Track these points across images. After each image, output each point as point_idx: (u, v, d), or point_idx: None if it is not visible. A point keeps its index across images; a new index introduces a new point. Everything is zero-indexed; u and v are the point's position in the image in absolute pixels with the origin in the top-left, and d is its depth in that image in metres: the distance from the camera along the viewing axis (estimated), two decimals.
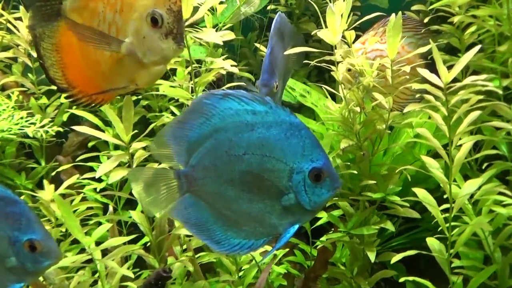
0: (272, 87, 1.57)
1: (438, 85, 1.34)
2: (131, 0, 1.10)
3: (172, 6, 1.08)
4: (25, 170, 2.15)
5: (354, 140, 1.76)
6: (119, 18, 1.12)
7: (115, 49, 1.12)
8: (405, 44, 1.99)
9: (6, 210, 1.08)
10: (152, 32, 1.09)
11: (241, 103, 1.06)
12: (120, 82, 1.18)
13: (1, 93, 2.05)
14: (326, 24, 1.74)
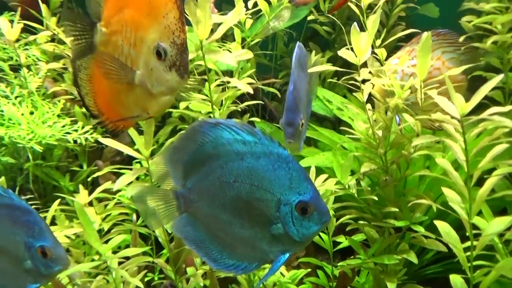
0: (297, 126, 1.48)
1: (454, 116, 1.24)
2: (142, 35, 1.19)
3: (175, 40, 1.14)
4: (69, 172, 2.33)
5: (379, 164, 1.68)
6: (133, 51, 1.22)
7: (130, 80, 1.20)
8: (445, 60, 1.90)
9: (22, 219, 1.20)
10: (158, 64, 1.17)
11: (231, 132, 1.10)
12: (135, 110, 1.29)
13: (51, 100, 2.24)
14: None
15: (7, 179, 2.22)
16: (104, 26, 1.30)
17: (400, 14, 2.75)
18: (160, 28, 1.15)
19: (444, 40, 1.93)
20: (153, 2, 1.17)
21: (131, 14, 1.22)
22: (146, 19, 1.18)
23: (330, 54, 3.00)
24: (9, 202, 1.18)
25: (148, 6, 1.17)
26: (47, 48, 2.33)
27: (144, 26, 1.19)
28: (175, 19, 1.14)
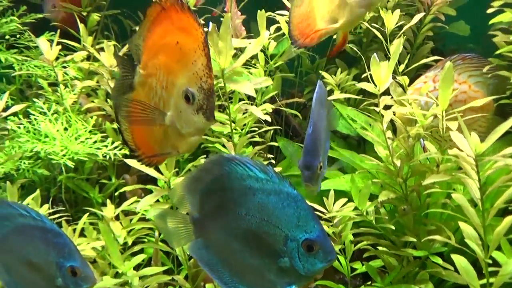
0: (315, 170, 1.46)
1: (469, 155, 1.22)
2: (172, 79, 1.28)
3: (203, 85, 1.21)
4: (98, 184, 2.45)
5: (398, 192, 1.67)
6: (165, 93, 1.31)
7: (161, 121, 1.30)
8: (472, 83, 1.88)
9: (54, 241, 1.30)
10: (186, 107, 1.24)
11: (245, 168, 1.16)
12: (167, 148, 1.37)
13: (85, 116, 2.37)
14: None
15: (41, 190, 2.36)
16: (142, 69, 1.40)
17: (427, 33, 2.70)
18: (189, 74, 1.22)
19: (471, 64, 1.91)
20: (183, 49, 1.24)
21: (164, 59, 1.31)
22: (176, 64, 1.26)
23: (356, 72, 2.99)
24: (42, 225, 1.29)
25: (179, 53, 1.25)
26: (83, 66, 2.47)
27: (175, 71, 1.27)
28: (202, 65, 1.20)
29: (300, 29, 1.56)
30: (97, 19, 2.64)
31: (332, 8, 1.43)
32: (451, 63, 1.50)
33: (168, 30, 1.28)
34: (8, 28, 2.36)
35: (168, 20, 1.27)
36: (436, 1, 2.57)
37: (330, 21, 1.47)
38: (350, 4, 1.37)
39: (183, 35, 1.23)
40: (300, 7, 1.57)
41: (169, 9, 1.26)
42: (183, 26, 1.23)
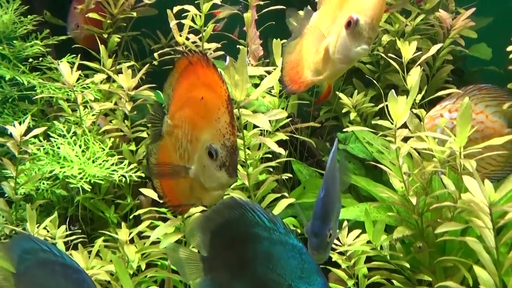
0: (324, 238, 1.38)
1: (483, 204, 1.18)
2: (197, 134, 1.30)
3: (226, 142, 1.22)
4: (114, 204, 2.49)
5: (414, 227, 1.64)
6: (190, 146, 1.33)
7: (185, 175, 1.33)
8: (489, 113, 1.85)
9: (73, 276, 1.32)
10: (210, 162, 1.26)
11: (254, 215, 1.18)
12: (191, 199, 1.40)
13: (102, 137, 2.42)
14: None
15: (59, 209, 2.42)
16: (169, 119, 1.43)
17: (447, 57, 2.66)
18: (213, 130, 1.23)
19: (487, 94, 1.89)
20: (207, 105, 1.26)
21: (190, 113, 1.33)
22: (201, 120, 1.28)
23: (373, 93, 2.96)
24: (62, 261, 1.31)
25: (204, 109, 1.27)
26: (102, 87, 2.52)
27: (199, 126, 1.29)
28: (226, 123, 1.22)
29: (291, 75, 1.55)
30: (117, 40, 2.69)
31: (317, 60, 1.42)
32: (469, 101, 1.46)
33: (194, 84, 1.30)
34: (31, 51, 2.44)
35: (194, 74, 1.29)
36: (456, 24, 2.52)
37: (315, 72, 1.46)
38: (333, 59, 1.35)
39: (208, 91, 1.25)
40: (291, 54, 1.56)
41: (195, 64, 1.28)
42: (208, 82, 1.25)
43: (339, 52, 1.33)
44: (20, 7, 2.47)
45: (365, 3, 1.29)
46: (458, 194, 1.56)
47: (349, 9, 1.32)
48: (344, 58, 1.34)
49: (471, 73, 3.12)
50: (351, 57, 1.35)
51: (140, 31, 3.05)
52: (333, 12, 1.41)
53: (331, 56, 1.36)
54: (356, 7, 1.30)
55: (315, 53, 1.42)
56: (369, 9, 1.27)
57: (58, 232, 2.04)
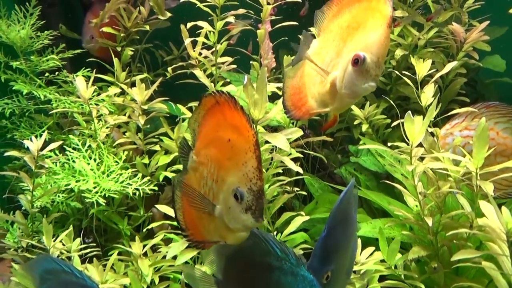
0: (319, 277, 1.28)
1: (500, 231, 1.18)
2: (223, 175, 1.27)
3: (252, 187, 1.20)
4: (127, 216, 2.51)
5: (429, 247, 1.63)
6: (215, 186, 1.30)
7: (210, 212, 1.31)
8: (499, 130, 1.85)
9: None
10: (235, 205, 1.23)
11: (267, 245, 1.20)
12: (214, 236, 1.36)
13: (115, 150, 2.45)
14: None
15: (73, 220, 2.46)
16: (195, 154, 1.41)
17: (459, 70, 2.64)
18: (239, 174, 1.21)
19: (496, 111, 1.89)
20: (234, 148, 1.23)
21: (215, 153, 1.31)
22: (227, 162, 1.26)
23: (385, 105, 2.95)
24: (83, 283, 1.32)
25: (230, 151, 1.24)
26: (117, 100, 2.55)
27: (225, 168, 1.26)
28: (253, 168, 1.19)
29: (293, 100, 1.52)
30: (130, 53, 2.73)
31: (323, 92, 1.39)
32: (486, 123, 1.45)
33: (220, 124, 1.28)
34: (47, 65, 2.48)
35: (221, 114, 1.27)
36: (469, 37, 2.51)
37: (320, 103, 1.43)
38: (340, 94, 1.33)
39: (235, 134, 1.22)
40: (293, 78, 1.52)
41: (222, 104, 1.26)
42: (235, 124, 1.22)
43: (346, 87, 1.31)
44: (36, 22, 2.51)
45: (370, 40, 1.27)
46: (473, 215, 1.55)
47: (355, 44, 1.31)
48: (351, 94, 1.33)
49: (484, 85, 3.10)
50: (359, 93, 1.34)
51: (153, 43, 3.09)
52: (335, 44, 1.39)
53: (338, 91, 1.34)
54: (361, 44, 1.29)
55: (320, 83, 1.40)
56: (375, 47, 1.26)
57: (73, 245, 2.07)
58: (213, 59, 2.27)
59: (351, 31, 1.32)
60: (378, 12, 1.27)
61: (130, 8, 2.73)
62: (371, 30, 1.27)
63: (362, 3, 1.32)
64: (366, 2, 1.31)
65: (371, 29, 1.27)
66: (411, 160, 1.60)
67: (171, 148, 2.52)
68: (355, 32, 1.31)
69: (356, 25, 1.31)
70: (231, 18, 2.15)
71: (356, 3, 1.34)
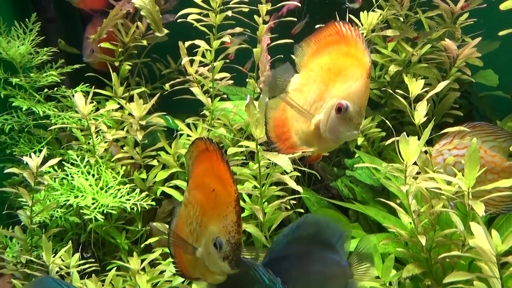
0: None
1: (490, 253, 1.21)
2: (206, 222, 1.33)
3: (230, 239, 1.27)
4: (125, 230, 2.53)
5: (422, 266, 1.66)
6: (199, 229, 1.36)
7: (192, 254, 1.37)
8: (487, 148, 1.91)
9: None
10: (214, 251, 1.30)
11: (256, 273, 1.26)
12: (196, 273, 1.43)
13: (113, 165, 2.47)
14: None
15: (72, 235, 2.48)
16: (187, 191, 1.46)
17: (453, 86, 2.68)
18: (220, 225, 1.28)
19: (482, 130, 1.94)
20: (217, 199, 1.29)
21: (202, 198, 1.36)
22: (211, 210, 1.31)
23: (380, 118, 2.99)
24: None
25: (214, 201, 1.30)
26: (115, 115, 2.58)
27: (209, 216, 1.32)
28: (232, 222, 1.26)
29: (277, 133, 1.53)
30: (128, 68, 2.76)
31: (307, 132, 1.41)
32: (477, 145, 1.49)
33: (208, 171, 1.33)
34: (46, 81, 2.51)
35: (209, 162, 1.32)
36: (461, 53, 2.55)
37: (305, 142, 1.45)
38: (325, 137, 1.36)
39: (220, 186, 1.28)
40: (275, 110, 1.53)
41: (211, 152, 1.31)
42: (220, 176, 1.28)
43: (330, 132, 1.35)
44: (36, 38, 2.54)
45: (352, 90, 1.30)
46: (465, 233, 1.58)
47: (337, 91, 1.33)
48: (335, 138, 1.36)
49: (479, 98, 3.15)
50: (342, 139, 1.38)
51: (151, 56, 3.12)
52: (317, 85, 1.40)
53: (322, 134, 1.37)
54: (343, 92, 1.32)
55: (303, 122, 1.42)
56: (356, 97, 1.30)
57: (72, 261, 2.09)
58: (210, 76, 2.31)
59: (332, 75, 1.35)
60: (358, 61, 1.30)
61: (127, 23, 2.76)
62: (352, 79, 1.30)
63: (341, 47, 1.35)
64: (345, 47, 1.34)
65: (352, 78, 1.30)
66: (405, 180, 1.63)
67: (169, 162, 2.55)
68: (336, 77, 1.34)
69: (337, 70, 1.34)
70: (227, 37, 2.19)
71: (335, 46, 1.36)
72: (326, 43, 1.40)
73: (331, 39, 1.38)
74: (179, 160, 2.58)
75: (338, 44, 1.36)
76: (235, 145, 2.37)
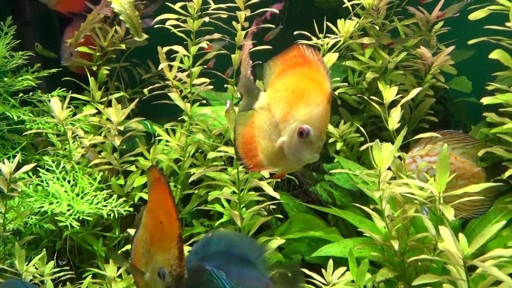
0: None
1: (457, 256, 1.24)
2: (153, 251, 1.37)
3: (172, 272, 1.31)
4: (102, 236, 2.50)
5: (396, 270, 1.69)
6: (147, 255, 1.40)
7: (140, 278, 1.42)
8: (457, 155, 1.99)
9: None
10: (159, 280, 1.33)
11: (219, 282, 1.26)
12: None
13: (90, 170, 2.44)
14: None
15: (48, 242, 2.43)
16: (145, 213, 1.48)
17: (428, 92, 2.75)
18: (163, 257, 1.31)
19: (451, 138, 2.02)
20: (163, 232, 1.32)
21: (151, 226, 1.39)
22: (157, 241, 1.35)
23: (359, 123, 3.04)
24: None
25: (161, 233, 1.33)
26: (93, 120, 2.55)
27: (155, 245, 1.36)
28: (175, 256, 1.30)
29: (245, 149, 1.54)
30: (106, 73, 2.73)
31: (272, 151, 1.44)
32: (447, 151, 1.53)
33: (159, 201, 1.34)
34: (21, 85, 2.46)
35: (159, 191, 1.34)
36: (436, 61, 2.62)
37: (270, 161, 1.48)
38: (289, 159, 1.40)
39: (166, 219, 1.30)
40: (243, 126, 1.54)
41: (162, 182, 1.33)
42: (167, 209, 1.30)
43: (293, 154, 1.38)
44: (11, 41, 2.50)
45: (313, 114, 1.33)
46: (437, 237, 1.62)
47: (299, 114, 1.36)
48: (298, 160, 1.40)
49: (454, 103, 3.23)
50: (304, 161, 1.41)
51: (131, 60, 3.10)
52: (282, 106, 1.42)
53: (286, 155, 1.40)
54: (305, 116, 1.35)
55: (269, 141, 1.45)
56: (317, 122, 1.33)
57: (46, 269, 2.05)
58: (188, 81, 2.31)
59: (296, 98, 1.37)
60: (319, 86, 1.32)
61: (106, 27, 2.74)
62: (313, 104, 1.33)
63: (305, 70, 1.37)
64: (308, 69, 1.36)
65: (313, 103, 1.33)
66: (379, 185, 1.66)
67: (147, 168, 2.53)
68: (299, 100, 1.36)
69: (300, 93, 1.36)
70: (205, 43, 2.20)
71: (300, 68, 1.39)
72: (292, 64, 1.43)
73: (296, 61, 1.41)
74: (158, 166, 2.57)
75: (302, 66, 1.39)
76: (214, 150, 2.37)
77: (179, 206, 2.52)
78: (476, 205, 2.04)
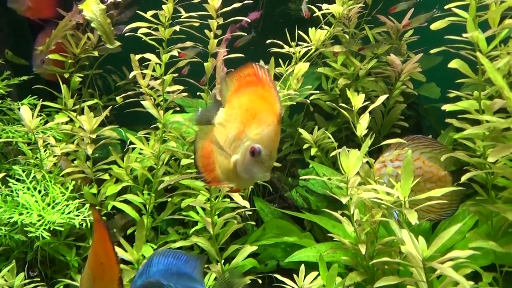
0: None
1: (417, 259, 1.29)
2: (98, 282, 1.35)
3: None
4: (76, 246, 2.46)
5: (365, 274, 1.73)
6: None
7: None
8: (425, 159, 2.05)
9: None
10: None
11: None
12: None
13: (62, 179, 2.41)
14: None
15: (18, 253, 2.38)
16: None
17: (398, 98, 2.82)
18: None
19: (420, 143, 2.08)
20: (104, 274, 1.31)
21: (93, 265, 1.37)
22: (99, 281, 1.34)
23: (333, 129, 3.09)
24: None
25: (102, 273, 1.32)
26: (65, 128, 2.52)
27: (96, 284, 1.35)
28: None
29: (203, 163, 1.57)
30: (79, 80, 2.70)
31: (227, 168, 1.48)
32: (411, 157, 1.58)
33: (100, 242, 1.33)
34: None
35: (101, 234, 1.32)
36: (405, 68, 2.69)
37: (226, 177, 1.52)
38: (242, 176, 1.44)
39: (106, 261, 1.30)
40: (203, 140, 1.57)
41: (99, 222, 1.32)
42: (106, 251, 1.30)
43: (245, 172, 1.42)
44: None
45: (264, 134, 1.37)
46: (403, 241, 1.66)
47: (252, 133, 1.40)
48: (249, 178, 1.44)
49: (424, 109, 3.32)
50: (256, 179, 1.46)
51: (105, 67, 3.08)
52: (237, 125, 1.46)
53: (238, 173, 1.44)
54: (257, 135, 1.39)
55: (225, 157, 1.48)
56: (267, 142, 1.37)
57: (16, 281, 2.01)
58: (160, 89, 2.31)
59: (249, 117, 1.41)
60: (271, 106, 1.37)
61: (78, 34, 2.72)
62: (265, 124, 1.37)
63: (258, 89, 1.41)
64: (261, 89, 1.40)
65: (265, 123, 1.37)
66: (347, 191, 1.70)
67: (121, 176, 2.51)
68: (252, 119, 1.40)
69: (253, 112, 1.40)
70: (175, 51, 2.21)
71: (253, 87, 1.42)
72: (246, 82, 1.46)
73: (250, 80, 1.44)
74: (132, 174, 2.55)
75: (256, 85, 1.42)
76: (188, 157, 2.38)
77: (154, 214, 2.50)
78: (443, 207, 2.11)
